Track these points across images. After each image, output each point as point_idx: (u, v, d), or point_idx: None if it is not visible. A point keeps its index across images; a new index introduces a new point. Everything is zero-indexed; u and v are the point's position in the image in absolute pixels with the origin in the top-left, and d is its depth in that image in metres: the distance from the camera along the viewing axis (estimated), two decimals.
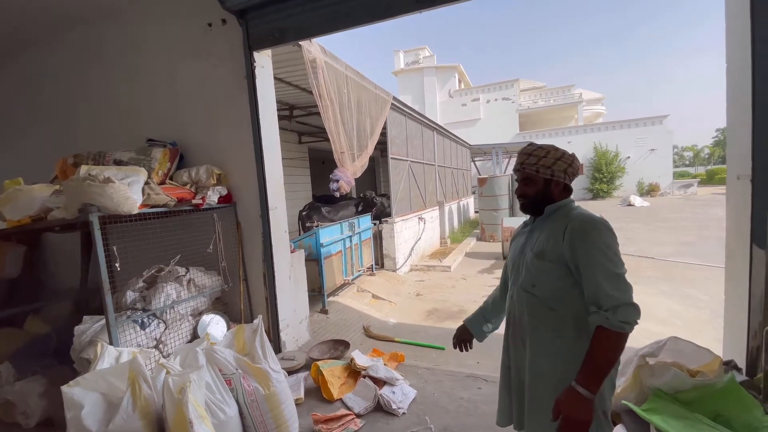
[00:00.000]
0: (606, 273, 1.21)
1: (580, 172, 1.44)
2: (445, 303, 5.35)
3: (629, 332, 1.19)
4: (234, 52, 3.33)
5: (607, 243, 1.25)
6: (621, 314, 1.17)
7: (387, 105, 5.98)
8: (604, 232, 1.27)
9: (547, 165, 1.38)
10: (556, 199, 1.42)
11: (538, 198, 1.43)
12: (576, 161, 1.42)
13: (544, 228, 1.41)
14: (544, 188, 1.42)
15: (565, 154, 1.40)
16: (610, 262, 1.23)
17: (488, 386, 2.90)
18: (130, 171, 2.71)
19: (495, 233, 9.91)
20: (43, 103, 4.62)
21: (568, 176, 1.40)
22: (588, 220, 1.30)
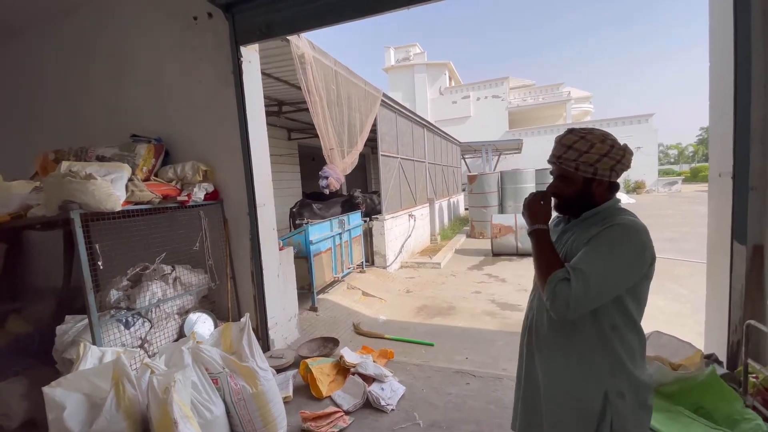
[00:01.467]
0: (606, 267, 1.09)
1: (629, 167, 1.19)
2: (435, 300, 5.38)
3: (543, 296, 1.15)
4: (220, 46, 3.27)
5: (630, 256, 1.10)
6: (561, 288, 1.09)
7: (377, 102, 5.96)
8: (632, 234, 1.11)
9: (590, 162, 1.15)
10: (598, 199, 1.21)
11: (576, 200, 1.23)
12: (627, 155, 1.17)
13: (578, 232, 1.22)
14: (584, 188, 1.20)
15: (613, 147, 1.15)
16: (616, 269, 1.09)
17: (476, 381, 2.92)
18: (113, 167, 2.65)
19: (484, 230, 9.98)
20: (22, 97, 4.48)
21: (615, 173, 1.17)
22: (630, 227, 1.12)
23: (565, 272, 1.11)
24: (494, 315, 4.62)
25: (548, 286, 1.12)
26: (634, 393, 1.15)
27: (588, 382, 1.18)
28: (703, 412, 1.97)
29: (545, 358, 1.27)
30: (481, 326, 4.30)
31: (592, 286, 1.07)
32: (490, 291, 5.59)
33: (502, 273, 6.57)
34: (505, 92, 25.03)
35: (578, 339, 1.18)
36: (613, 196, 1.24)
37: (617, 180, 1.21)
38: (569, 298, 1.07)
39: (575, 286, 1.07)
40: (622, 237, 1.11)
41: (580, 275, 1.07)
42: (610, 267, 1.09)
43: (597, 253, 1.11)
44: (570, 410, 1.21)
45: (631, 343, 1.15)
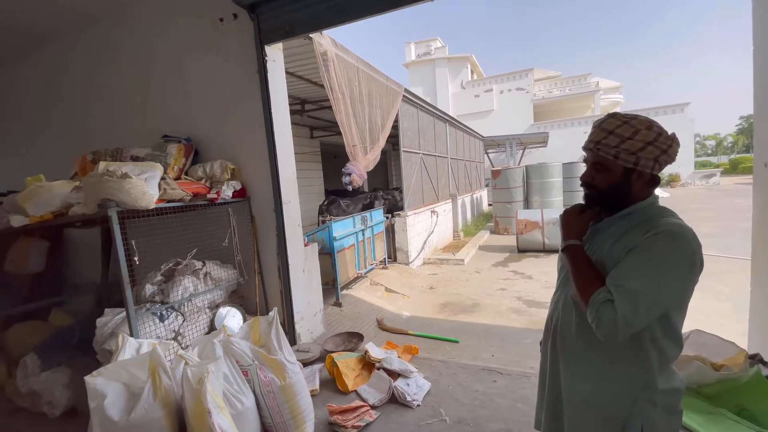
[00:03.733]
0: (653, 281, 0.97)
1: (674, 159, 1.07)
2: (459, 296, 5.33)
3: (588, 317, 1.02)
4: (245, 46, 3.34)
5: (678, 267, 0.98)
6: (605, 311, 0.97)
7: (398, 97, 5.93)
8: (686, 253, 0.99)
9: (633, 150, 1.03)
10: (636, 194, 1.09)
11: (612, 192, 1.10)
12: (675, 146, 1.05)
13: (612, 232, 1.11)
14: (622, 180, 1.08)
15: (660, 135, 1.03)
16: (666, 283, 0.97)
17: (503, 379, 2.88)
18: (147, 167, 2.75)
19: (509, 226, 9.79)
20: (61, 101, 4.73)
21: (659, 165, 1.05)
22: (680, 235, 0.99)
23: (607, 293, 0.99)
24: (521, 312, 4.53)
25: (590, 309, 1.01)
26: (665, 400, 1.08)
27: (618, 392, 1.10)
28: (747, 414, 1.86)
29: (571, 362, 1.19)
30: (507, 324, 4.23)
31: (642, 305, 0.95)
32: (516, 288, 5.48)
33: (529, 270, 6.43)
34: (529, 84, 24.40)
35: (611, 347, 1.08)
36: (653, 192, 1.11)
37: (659, 173, 1.10)
38: (617, 320, 0.95)
39: (622, 307, 0.95)
40: (672, 248, 0.99)
41: (626, 295, 0.96)
42: (662, 283, 0.97)
43: (645, 267, 0.98)
44: (596, 419, 1.14)
45: (668, 352, 1.07)
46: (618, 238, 1.08)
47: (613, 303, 0.97)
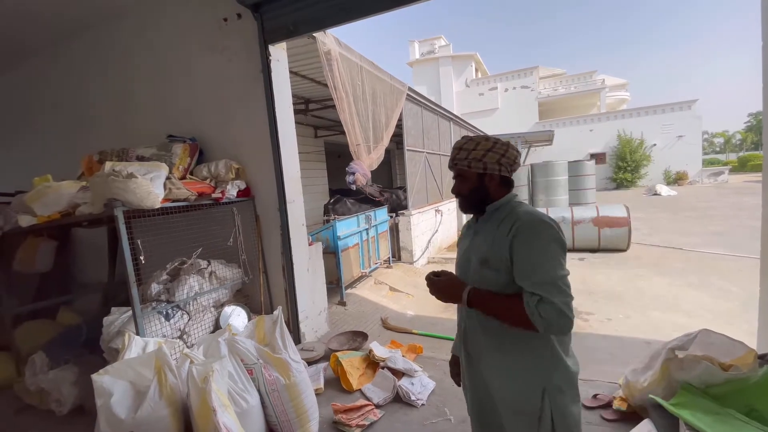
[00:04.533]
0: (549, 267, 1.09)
1: (517, 164, 1.28)
2: None
3: (538, 329, 1.08)
4: (249, 46, 3.34)
5: (557, 249, 1.12)
6: (546, 309, 1.06)
7: (402, 96, 5.92)
8: (555, 236, 1.12)
9: (478, 158, 1.24)
10: (494, 194, 1.28)
11: (474, 195, 1.30)
12: (511, 150, 1.26)
13: (487, 231, 1.27)
14: (479, 184, 1.28)
15: (497, 143, 1.26)
16: (559, 264, 1.10)
17: None
18: (152, 166, 2.76)
19: None
20: (68, 101, 4.77)
21: (504, 167, 1.25)
22: (538, 220, 1.15)
23: (531, 296, 1.10)
24: None
25: (533, 319, 1.08)
26: (569, 387, 1.19)
27: (530, 380, 1.19)
28: (756, 415, 1.83)
29: (487, 361, 1.29)
30: None
31: (562, 284, 1.08)
32: None
33: None
34: (534, 82, 24.25)
35: (514, 338, 1.20)
36: (510, 191, 1.31)
37: (509, 175, 1.28)
38: (560, 308, 1.06)
39: (554, 295, 1.07)
40: (539, 232, 1.13)
41: (546, 285, 1.08)
42: (554, 262, 1.11)
43: (536, 257, 1.12)
44: (515, 409, 1.23)
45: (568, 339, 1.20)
46: (494, 232, 1.23)
47: (544, 300, 1.07)
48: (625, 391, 2.33)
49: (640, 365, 2.29)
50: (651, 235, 8.06)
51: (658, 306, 4.34)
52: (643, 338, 3.53)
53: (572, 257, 6.90)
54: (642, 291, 4.88)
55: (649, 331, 3.67)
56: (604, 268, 6.04)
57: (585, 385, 2.68)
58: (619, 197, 15.73)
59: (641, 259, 6.34)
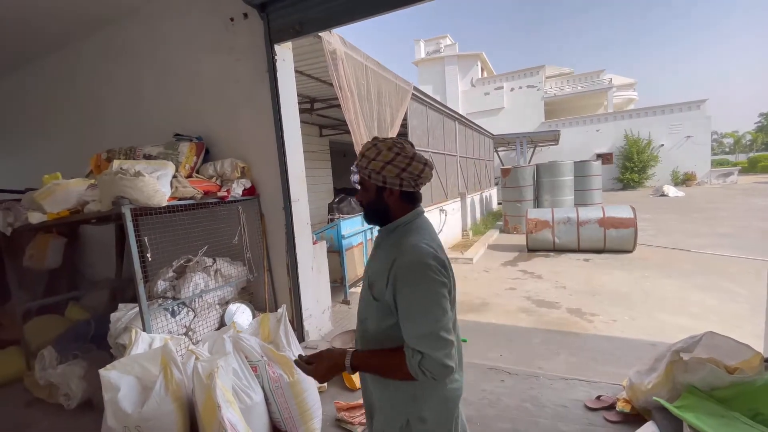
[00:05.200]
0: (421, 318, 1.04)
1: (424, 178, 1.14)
2: (468, 296, 5.30)
3: (417, 378, 1.05)
4: (255, 45, 3.37)
5: (437, 293, 1.04)
6: (426, 367, 1.02)
7: (407, 95, 5.92)
8: (422, 272, 1.04)
9: (377, 170, 1.12)
10: (393, 209, 1.17)
11: (373, 208, 1.20)
12: (415, 164, 1.12)
13: (382, 251, 1.18)
14: (377, 197, 1.17)
15: (399, 155, 1.11)
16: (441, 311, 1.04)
17: (511, 379, 2.86)
18: (159, 165, 2.80)
19: (519, 225, 9.70)
20: (76, 100, 4.83)
21: (406, 182, 1.12)
22: (417, 261, 1.05)
23: (411, 352, 1.04)
24: (530, 312, 4.50)
25: (417, 377, 1.05)
26: (436, 414, 1.13)
27: (393, 407, 1.15)
28: (762, 419, 1.82)
29: (369, 396, 1.26)
30: (515, 323, 4.20)
31: (440, 335, 1.02)
32: (526, 288, 5.44)
33: (539, 269, 6.37)
34: (541, 81, 24.10)
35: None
36: (414, 207, 1.19)
37: (412, 190, 1.15)
38: (441, 362, 1.01)
39: (432, 350, 1.01)
40: (412, 274, 1.05)
41: (425, 341, 1.02)
42: (421, 309, 1.04)
43: (414, 307, 1.05)
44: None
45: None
46: (384, 259, 1.13)
47: (425, 357, 1.02)
48: (629, 393, 2.33)
49: (645, 367, 2.28)
50: (657, 237, 8.00)
51: (664, 308, 4.31)
52: (648, 340, 3.51)
53: (577, 258, 6.87)
54: (648, 292, 4.85)
55: (655, 333, 3.64)
56: (609, 269, 6.00)
57: (588, 386, 2.68)
58: (625, 198, 15.60)
59: (647, 261, 6.30)
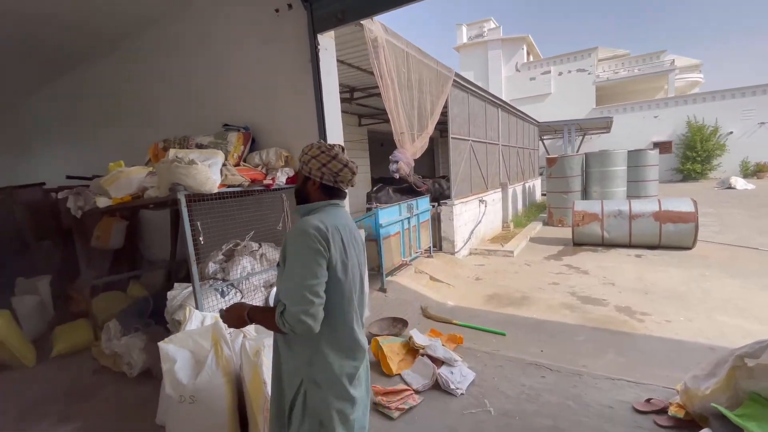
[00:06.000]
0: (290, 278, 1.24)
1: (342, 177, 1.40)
2: (507, 288, 5.18)
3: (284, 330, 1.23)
4: (299, 36, 3.42)
5: (310, 257, 1.23)
6: (287, 321, 1.21)
7: (449, 82, 5.79)
8: (298, 240, 1.25)
9: (305, 161, 1.41)
10: (311, 197, 1.43)
11: (299, 193, 1.47)
12: (335, 163, 1.38)
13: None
14: (302, 185, 1.45)
15: (324, 153, 1.39)
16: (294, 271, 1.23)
17: (553, 375, 2.78)
18: (210, 154, 2.95)
19: (564, 218, 9.28)
20: (136, 93, 5.18)
21: (326, 177, 1.38)
22: (300, 229, 1.27)
23: (278, 306, 1.25)
24: (574, 308, 4.32)
25: (280, 327, 1.24)
26: (329, 382, 1.30)
27: (290, 370, 1.33)
28: None
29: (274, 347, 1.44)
30: (558, 319, 4.05)
31: (296, 294, 1.21)
32: (570, 283, 5.22)
33: (585, 264, 6.07)
34: (592, 65, 22.59)
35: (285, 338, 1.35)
36: (328, 199, 1.41)
37: (331, 185, 1.40)
38: (295, 316, 1.19)
39: (289, 306, 1.20)
40: (293, 240, 1.27)
41: (286, 297, 1.23)
42: (293, 270, 1.24)
43: (290, 264, 1.26)
44: (274, 397, 1.39)
45: (329, 335, 1.30)
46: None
47: (286, 309, 1.21)
48: (683, 398, 2.18)
49: (702, 372, 2.13)
50: (722, 233, 7.33)
51: (725, 310, 3.97)
52: (706, 343, 3.26)
53: (628, 253, 6.47)
54: (708, 293, 4.48)
55: (714, 336, 3.37)
56: (664, 267, 5.60)
57: (637, 388, 2.54)
58: (685, 190, 14.39)
59: (708, 259, 5.80)
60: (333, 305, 1.29)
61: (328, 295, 1.27)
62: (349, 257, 1.33)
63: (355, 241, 1.41)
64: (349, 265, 1.32)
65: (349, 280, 1.32)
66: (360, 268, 1.42)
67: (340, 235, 1.31)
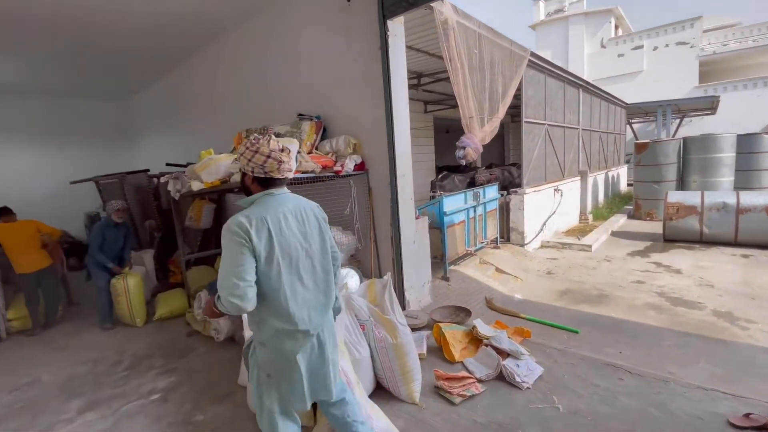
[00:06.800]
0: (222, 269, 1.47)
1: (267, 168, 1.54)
2: (582, 285, 4.82)
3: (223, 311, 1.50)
4: (369, 24, 3.46)
5: (231, 247, 1.46)
6: (222, 304, 1.47)
7: (523, 62, 5.45)
8: (226, 237, 1.47)
9: (237, 159, 1.59)
10: (250, 190, 1.61)
11: (241, 186, 1.65)
12: (258, 155, 1.52)
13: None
14: (241, 178, 1.63)
15: (248, 149, 1.53)
16: (224, 263, 1.46)
17: (633, 379, 2.56)
18: (288, 142, 3.14)
19: (654, 210, 8.32)
20: (221, 87, 5.68)
21: (255, 170, 1.53)
22: (225, 226, 1.49)
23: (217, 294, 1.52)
24: (661, 310, 3.89)
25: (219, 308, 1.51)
26: (272, 344, 1.56)
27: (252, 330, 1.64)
28: None
29: None
30: (641, 320, 3.69)
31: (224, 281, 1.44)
32: (658, 282, 4.70)
33: (677, 262, 5.41)
34: (695, 37, 19.56)
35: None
36: (263, 190, 1.58)
37: (262, 176, 1.55)
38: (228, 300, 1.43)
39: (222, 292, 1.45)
40: (223, 236, 1.49)
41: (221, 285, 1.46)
42: (223, 262, 1.47)
43: (221, 259, 1.51)
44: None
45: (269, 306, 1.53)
46: None
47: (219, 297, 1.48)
48: None
49: None
50: None
51: None
52: None
53: (732, 252, 5.62)
54: None
55: None
56: None
57: (734, 401, 2.24)
58: None
59: None
60: (264, 284, 1.51)
61: (259, 276, 1.49)
62: (278, 243, 1.51)
63: (296, 220, 1.59)
64: (276, 251, 1.50)
65: (275, 266, 1.51)
66: (304, 245, 1.59)
67: (267, 224, 1.49)
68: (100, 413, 2.67)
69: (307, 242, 1.61)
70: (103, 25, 4.76)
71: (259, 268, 1.48)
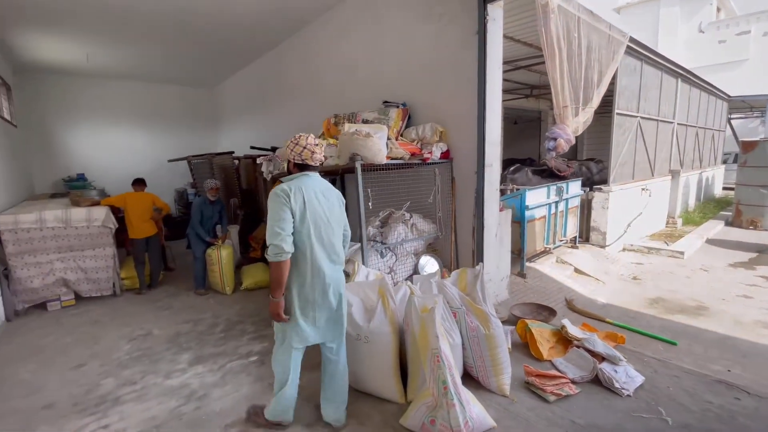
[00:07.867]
0: (268, 222, 1.92)
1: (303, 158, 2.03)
2: (676, 294, 4.41)
3: (277, 261, 1.90)
4: (467, 7, 3.38)
5: (275, 206, 1.91)
6: (269, 250, 1.90)
7: (621, 48, 5.01)
8: (272, 198, 1.94)
9: (285, 150, 2.11)
10: (292, 172, 2.11)
11: (288, 170, 2.17)
12: (298, 147, 2.02)
13: None
14: (287, 164, 2.15)
15: (291, 143, 2.05)
16: (270, 218, 1.91)
17: (752, 401, 2.31)
18: (377, 128, 3.20)
19: (760, 218, 7.34)
20: (309, 74, 5.89)
21: (294, 157, 2.05)
22: (272, 192, 1.97)
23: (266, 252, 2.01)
24: None
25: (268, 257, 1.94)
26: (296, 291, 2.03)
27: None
28: None
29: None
30: (752, 339, 3.30)
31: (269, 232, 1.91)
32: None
33: None
34: None
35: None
36: (300, 171, 2.08)
37: (301, 162, 2.06)
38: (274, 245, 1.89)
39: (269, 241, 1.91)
40: (269, 200, 1.96)
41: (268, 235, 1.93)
42: (270, 217, 1.92)
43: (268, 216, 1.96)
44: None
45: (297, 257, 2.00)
46: None
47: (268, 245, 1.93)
48: None
49: None
50: None
51: None
52: None
53: None
54: None
55: None
56: None
57: None
58: None
59: None
60: (297, 239, 1.95)
61: (294, 232, 1.93)
62: (309, 208, 1.96)
63: (323, 196, 2.05)
64: (308, 213, 1.95)
65: (306, 225, 1.95)
66: (326, 215, 2.04)
67: (302, 193, 1.95)
68: (208, 367, 2.98)
69: (329, 213, 2.06)
70: (205, 17, 5.16)
71: (294, 225, 1.93)
